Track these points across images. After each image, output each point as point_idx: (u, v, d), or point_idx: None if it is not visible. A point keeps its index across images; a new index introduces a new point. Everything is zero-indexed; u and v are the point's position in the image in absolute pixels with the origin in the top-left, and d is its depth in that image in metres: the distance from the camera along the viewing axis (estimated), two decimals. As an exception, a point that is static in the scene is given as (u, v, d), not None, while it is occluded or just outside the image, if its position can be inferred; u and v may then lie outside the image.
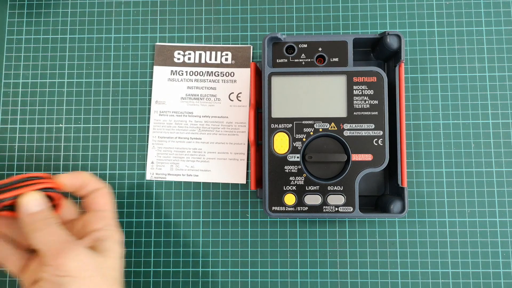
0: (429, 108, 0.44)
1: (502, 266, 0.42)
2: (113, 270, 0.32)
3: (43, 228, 0.29)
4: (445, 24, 0.45)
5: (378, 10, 0.46)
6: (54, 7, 0.47)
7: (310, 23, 0.46)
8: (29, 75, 0.46)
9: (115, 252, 0.32)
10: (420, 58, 0.45)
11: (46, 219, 0.30)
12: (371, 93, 0.39)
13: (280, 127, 0.39)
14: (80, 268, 0.29)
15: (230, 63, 0.45)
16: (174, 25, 0.46)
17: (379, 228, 0.43)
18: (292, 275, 0.42)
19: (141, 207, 0.44)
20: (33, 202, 0.30)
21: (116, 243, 0.33)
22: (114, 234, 0.33)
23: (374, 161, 0.39)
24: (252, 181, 0.40)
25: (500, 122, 0.43)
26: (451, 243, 0.42)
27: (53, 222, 0.30)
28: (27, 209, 0.29)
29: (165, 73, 0.45)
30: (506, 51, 0.44)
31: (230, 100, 0.45)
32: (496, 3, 0.45)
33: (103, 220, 0.33)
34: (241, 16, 0.46)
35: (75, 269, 0.28)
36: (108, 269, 0.31)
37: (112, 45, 0.46)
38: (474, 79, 0.44)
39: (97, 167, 0.44)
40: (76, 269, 0.28)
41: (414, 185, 0.43)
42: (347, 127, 0.39)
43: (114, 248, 0.33)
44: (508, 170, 0.43)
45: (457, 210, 0.42)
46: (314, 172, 0.39)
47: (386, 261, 0.42)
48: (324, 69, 0.39)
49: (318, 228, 0.43)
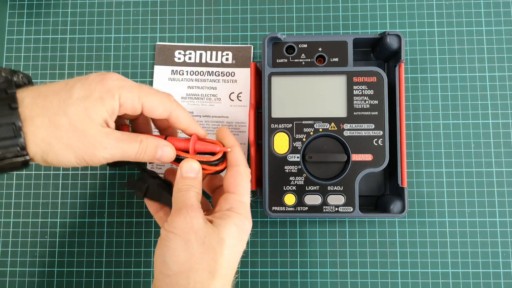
0: (429, 108, 0.44)
1: (502, 266, 0.42)
2: (219, 247, 0.31)
3: (182, 190, 0.33)
4: (445, 24, 0.45)
5: (378, 10, 0.46)
6: (54, 7, 0.47)
7: (310, 23, 0.46)
8: (29, 75, 0.46)
9: (229, 235, 0.32)
10: (420, 58, 0.45)
11: (189, 185, 0.33)
12: (371, 93, 0.39)
13: (280, 127, 0.39)
14: (185, 230, 0.30)
15: (231, 63, 0.45)
16: (174, 25, 0.46)
17: (379, 228, 0.43)
18: (292, 275, 0.42)
19: (141, 207, 0.44)
20: (189, 169, 0.34)
21: (235, 228, 0.32)
22: (237, 219, 0.33)
23: (374, 161, 0.39)
24: (252, 181, 0.40)
25: (500, 122, 0.43)
26: (451, 243, 0.42)
27: (193, 189, 0.33)
28: (182, 173, 0.34)
29: (165, 73, 0.45)
30: (506, 51, 0.44)
31: (230, 100, 0.45)
32: (496, 3, 0.45)
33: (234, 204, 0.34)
34: (241, 16, 0.46)
35: (180, 229, 0.30)
36: (213, 244, 0.31)
37: (112, 45, 0.46)
38: (474, 79, 0.44)
39: (97, 167, 0.44)
40: (181, 229, 0.30)
41: (414, 185, 0.43)
42: (347, 127, 0.39)
43: (229, 230, 0.32)
44: (508, 170, 0.43)
45: (457, 210, 0.42)
46: (314, 172, 0.39)
47: (386, 261, 0.42)
48: (324, 69, 0.39)
49: (318, 228, 0.43)
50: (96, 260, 0.43)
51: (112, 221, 0.44)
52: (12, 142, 0.28)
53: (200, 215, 0.31)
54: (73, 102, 0.30)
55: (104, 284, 0.43)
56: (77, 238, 0.43)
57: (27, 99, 0.29)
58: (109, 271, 0.43)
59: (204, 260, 0.30)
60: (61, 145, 0.29)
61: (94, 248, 0.43)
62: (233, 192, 0.34)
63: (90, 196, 0.44)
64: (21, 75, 0.31)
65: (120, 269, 0.43)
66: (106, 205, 0.44)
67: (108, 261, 0.43)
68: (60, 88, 0.30)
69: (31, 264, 0.43)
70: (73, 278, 0.43)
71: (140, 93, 0.32)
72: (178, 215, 0.31)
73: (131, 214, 0.44)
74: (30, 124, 0.29)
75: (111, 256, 0.43)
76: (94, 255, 0.43)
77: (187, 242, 0.30)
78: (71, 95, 0.30)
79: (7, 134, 0.28)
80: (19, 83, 0.31)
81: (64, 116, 0.29)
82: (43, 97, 0.29)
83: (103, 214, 0.44)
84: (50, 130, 0.29)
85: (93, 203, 0.44)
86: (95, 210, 0.44)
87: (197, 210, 0.32)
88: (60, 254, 0.43)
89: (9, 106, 0.28)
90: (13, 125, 0.28)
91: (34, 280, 0.43)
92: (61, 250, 0.43)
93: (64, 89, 0.30)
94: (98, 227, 0.43)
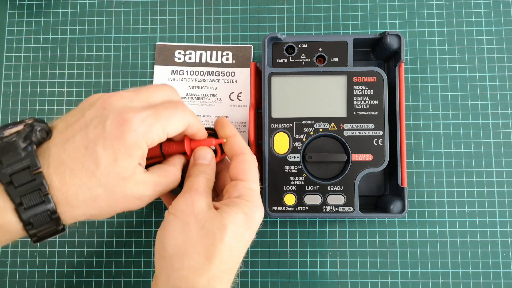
0: (429, 108, 0.44)
1: (502, 266, 0.42)
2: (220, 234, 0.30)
3: (193, 175, 0.33)
4: (445, 24, 0.45)
5: (378, 10, 0.46)
6: (54, 7, 0.47)
7: (310, 23, 0.46)
8: (29, 75, 0.46)
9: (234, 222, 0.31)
10: (420, 58, 0.45)
11: (200, 171, 0.33)
12: (371, 93, 0.39)
13: (280, 127, 0.39)
14: (185, 212, 0.30)
15: (231, 63, 0.45)
16: (174, 25, 0.46)
17: (379, 228, 0.43)
18: (292, 275, 0.42)
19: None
20: (202, 155, 0.34)
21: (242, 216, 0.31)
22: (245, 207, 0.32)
23: (374, 161, 0.39)
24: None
25: (500, 122, 0.43)
26: (451, 243, 0.42)
27: (203, 175, 0.33)
28: (195, 159, 0.34)
29: (165, 73, 0.45)
30: (506, 51, 0.44)
31: (230, 100, 0.45)
32: (496, 3, 0.45)
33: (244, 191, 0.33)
34: (241, 16, 0.46)
35: (180, 211, 0.31)
36: (213, 230, 0.30)
37: (112, 45, 0.46)
38: (474, 79, 0.44)
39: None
40: (181, 211, 0.30)
41: (414, 185, 0.43)
42: (347, 127, 0.39)
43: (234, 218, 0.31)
44: (508, 170, 0.43)
45: (457, 210, 0.42)
46: (314, 172, 0.39)
47: (386, 261, 0.42)
48: (324, 69, 0.39)
49: (318, 228, 0.43)
50: (96, 260, 0.43)
51: (112, 221, 0.44)
52: (49, 227, 0.29)
53: (203, 199, 0.31)
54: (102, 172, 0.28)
55: (104, 284, 0.43)
56: (77, 238, 0.43)
57: (55, 181, 0.28)
58: (109, 271, 0.43)
59: (201, 244, 0.30)
60: (104, 209, 0.30)
61: (94, 248, 0.43)
62: (242, 179, 0.33)
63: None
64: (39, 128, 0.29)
65: (120, 269, 0.43)
66: (106, 205, 0.44)
67: (108, 261, 0.43)
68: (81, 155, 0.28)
69: (31, 264, 0.43)
70: (73, 278, 0.43)
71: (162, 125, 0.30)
72: (181, 198, 0.31)
73: (131, 214, 0.44)
74: (65, 205, 0.28)
75: (111, 256, 0.43)
76: (95, 255, 0.43)
77: (186, 224, 0.30)
78: (99, 165, 0.28)
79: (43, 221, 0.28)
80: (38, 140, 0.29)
81: (98, 188, 0.29)
82: (69, 172, 0.28)
83: (103, 214, 0.44)
84: (88, 205, 0.29)
85: (93, 203, 0.44)
86: (95, 210, 0.44)
87: (201, 193, 0.31)
88: (60, 254, 0.43)
89: (39, 192, 0.27)
90: (48, 212, 0.28)
91: (34, 280, 0.43)
92: (61, 250, 0.43)
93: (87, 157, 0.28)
94: (98, 227, 0.43)
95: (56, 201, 0.28)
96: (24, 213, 0.27)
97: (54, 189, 0.28)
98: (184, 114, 0.32)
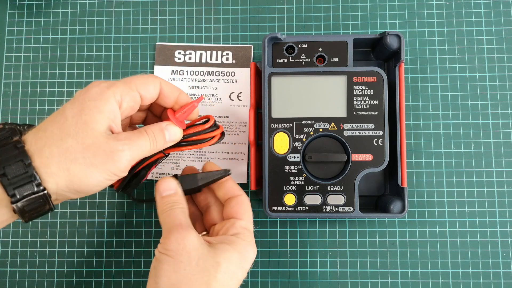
0: (429, 108, 0.44)
1: (502, 266, 0.42)
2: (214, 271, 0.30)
3: (166, 211, 0.32)
4: (445, 24, 0.45)
5: (378, 10, 0.46)
6: (54, 7, 0.47)
7: (310, 23, 0.46)
8: (29, 75, 0.46)
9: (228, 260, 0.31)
10: (420, 58, 0.45)
11: (171, 203, 0.33)
12: (371, 93, 0.39)
13: (280, 127, 0.39)
14: (177, 251, 0.30)
15: (231, 62, 0.45)
16: (174, 25, 0.46)
17: (379, 228, 0.43)
18: (292, 275, 0.42)
19: (141, 206, 0.44)
20: (166, 187, 0.34)
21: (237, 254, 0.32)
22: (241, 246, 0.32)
23: (374, 161, 0.39)
24: (252, 181, 0.40)
25: (500, 122, 0.43)
26: (451, 243, 0.42)
27: (177, 207, 0.33)
28: (160, 193, 0.34)
29: (165, 73, 0.45)
30: (506, 51, 0.44)
31: (230, 100, 0.45)
32: (496, 3, 0.45)
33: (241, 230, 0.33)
34: (241, 16, 0.46)
35: (173, 250, 0.30)
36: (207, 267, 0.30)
37: (112, 45, 0.46)
38: (474, 79, 0.44)
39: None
40: (173, 251, 0.30)
41: (414, 185, 0.43)
42: (347, 127, 0.39)
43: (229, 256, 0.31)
44: (508, 170, 0.43)
45: (457, 210, 0.42)
46: (314, 172, 0.39)
47: (386, 261, 0.42)
48: (324, 69, 0.39)
49: (318, 228, 0.43)
50: (96, 260, 0.43)
51: (112, 221, 0.44)
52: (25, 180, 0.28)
53: (192, 235, 0.31)
54: (70, 122, 0.29)
55: (104, 284, 0.43)
56: (77, 238, 0.43)
57: (29, 137, 0.29)
58: (109, 271, 0.43)
59: (195, 281, 0.30)
60: (81, 166, 0.29)
61: (94, 248, 0.43)
62: (241, 219, 0.34)
63: (90, 195, 0.44)
64: (25, 126, 0.32)
65: (120, 269, 0.43)
66: (106, 205, 0.44)
67: (108, 261, 0.43)
68: (54, 116, 0.30)
69: (31, 264, 0.43)
70: (73, 278, 0.43)
71: (129, 84, 0.32)
72: (169, 237, 0.31)
73: (131, 214, 0.44)
74: (39, 157, 0.28)
75: (111, 256, 0.43)
76: (94, 255, 0.43)
77: (179, 263, 0.30)
78: (66, 117, 0.30)
79: (18, 172, 0.28)
80: (22, 131, 0.30)
81: (68, 138, 0.29)
82: (43, 130, 0.29)
83: (103, 214, 0.44)
84: (62, 157, 0.29)
85: (93, 202, 0.44)
86: (95, 210, 0.44)
87: (187, 229, 0.31)
88: (60, 254, 0.43)
89: (14, 146, 0.28)
90: (22, 161, 0.28)
91: (34, 280, 0.43)
92: (61, 250, 0.43)
93: (58, 115, 0.30)
94: (98, 227, 0.43)
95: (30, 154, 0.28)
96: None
97: (27, 144, 0.29)
98: (154, 78, 0.33)
